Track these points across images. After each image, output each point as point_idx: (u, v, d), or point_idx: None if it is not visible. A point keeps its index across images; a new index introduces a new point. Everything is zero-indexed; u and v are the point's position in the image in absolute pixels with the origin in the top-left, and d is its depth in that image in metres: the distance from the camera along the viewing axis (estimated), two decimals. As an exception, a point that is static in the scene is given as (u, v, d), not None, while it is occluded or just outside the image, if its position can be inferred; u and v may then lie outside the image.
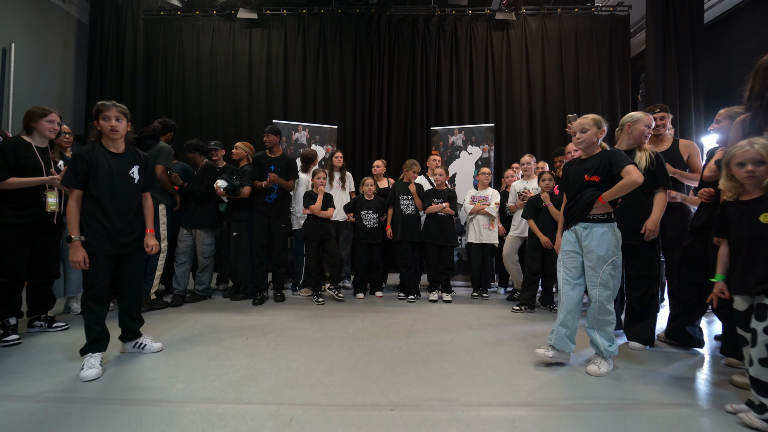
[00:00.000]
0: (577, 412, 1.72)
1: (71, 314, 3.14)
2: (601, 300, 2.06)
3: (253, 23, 5.57)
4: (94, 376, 1.98)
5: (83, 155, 2.05)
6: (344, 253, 4.32)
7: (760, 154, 1.62)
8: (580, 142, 2.15)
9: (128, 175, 2.19)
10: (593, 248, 2.05)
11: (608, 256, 2.04)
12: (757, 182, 1.65)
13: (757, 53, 2.02)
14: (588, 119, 2.15)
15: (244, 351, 2.40)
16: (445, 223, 3.78)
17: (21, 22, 4.48)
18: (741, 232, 1.70)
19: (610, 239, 2.06)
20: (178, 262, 3.62)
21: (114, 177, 2.12)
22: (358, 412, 1.70)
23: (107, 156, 2.12)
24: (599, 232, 2.06)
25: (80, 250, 2.00)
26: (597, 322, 2.11)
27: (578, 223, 2.13)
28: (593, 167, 2.09)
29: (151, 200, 2.37)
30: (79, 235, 2.02)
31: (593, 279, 2.07)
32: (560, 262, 2.22)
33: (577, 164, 2.23)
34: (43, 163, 2.59)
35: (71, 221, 2.02)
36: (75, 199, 2.04)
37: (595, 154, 2.14)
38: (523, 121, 5.44)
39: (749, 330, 1.65)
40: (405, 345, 2.55)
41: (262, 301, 3.52)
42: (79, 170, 2.03)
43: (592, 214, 2.08)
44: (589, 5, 5.70)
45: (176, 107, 5.55)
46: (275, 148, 3.64)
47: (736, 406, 1.71)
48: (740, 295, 1.71)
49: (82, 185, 2.05)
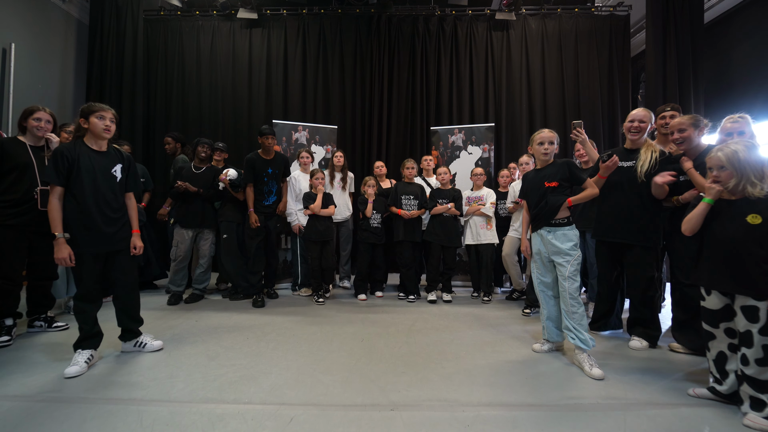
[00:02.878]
0: (577, 412, 1.72)
1: (71, 314, 3.14)
2: (571, 291, 2.26)
3: (253, 23, 5.56)
4: (75, 374, 2.00)
5: (64, 151, 2.04)
6: (344, 253, 4.33)
7: (720, 160, 1.71)
8: (547, 152, 2.38)
9: (111, 173, 2.19)
10: (559, 246, 2.28)
11: (572, 251, 2.27)
12: (722, 186, 1.74)
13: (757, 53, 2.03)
14: (554, 133, 2.40)
15: (244, 351, 2.40)
16: (449, 223, 3.77)
17: (21, 22, 4.47)
18: (725, 230, 1.73)
19: (572, 237, 2.29)
20: (181, 265, 3.57)
21: (96, 174, 2.12)
22: (358, 412, 1.70)
23: (89, 153, 2.12)
24: (561, 233, 2.30)
25: (65, 248, 2.01)
26: (570, 314, 2.26)
27: (542, 228, 2.35)
28: (551, 175, 2.34)
29: (135, 201, 2.36)
30: (62, 232, 2.02)
31: (563, 272, 2.28)
32: (533, 269, 2.47)
33: (534, 173, 2.47)
34: (37, 161, 2.55)
35: (54, 218, 2.02)
36: (56, 196, 2.03)
37: (551, 163, 2.40)
38: (523, 121, 5.44)
39: (717, 327, 1.79)
40: (405, 345, 2.55)
41: (263, 304, 3.49)
42: (60, 166, 2.02)
43: (556, 218, 2.30)
44: (589, 5, 5.70)
45: (176, 107, 5.55)
46: (271, 149, 3.60)
47: (698, 390, 1.86)
48: (716, 290, 1.76)
49: (63, 182, 2.04)
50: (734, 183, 1.69)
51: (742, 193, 1.70)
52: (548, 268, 2.39)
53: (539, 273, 2.43)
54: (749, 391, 1.65)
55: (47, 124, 2.60)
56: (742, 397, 1.69)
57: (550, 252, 2.33)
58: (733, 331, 1.76)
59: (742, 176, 1.67)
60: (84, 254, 2.07)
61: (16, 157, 2.50)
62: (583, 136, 2.75)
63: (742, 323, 1.68)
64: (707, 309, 1.82)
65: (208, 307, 3.45)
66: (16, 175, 2.49)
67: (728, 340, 1.78)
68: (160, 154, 5.20)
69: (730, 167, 1.69)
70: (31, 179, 2.52)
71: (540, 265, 2.42)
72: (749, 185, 1.67)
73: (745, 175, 1.67)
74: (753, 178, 1.66)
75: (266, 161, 3.57)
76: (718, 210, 1.77)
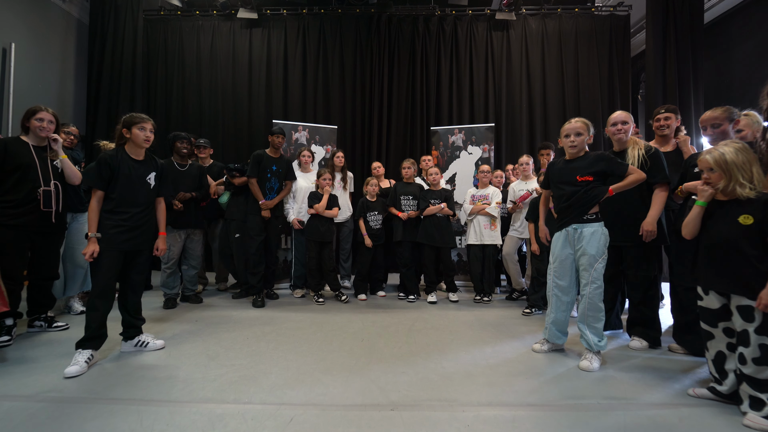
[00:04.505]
0: (577, 412, 1.72)
1: (71, 314, 3.14)
2: (592, 297, 2.18)
3: (253, 23, 5.56)
4: (75, 373, 2.03)
5: (108, 160, 2.19)
6: (344, 252, 4.33)
7: (709, 162, 1.74)
8: (574, 145, 2.26)
9: (146, 180, 2.34)
10: (586, 249, 2.18)
11: (599, 254, 2.18)
12: (713, 188, 1.76)
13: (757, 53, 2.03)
14: (581, 123, 2.28)
15: (244, 351, 2.40)
16: (442, 223, 3.77)
17: (21, 22, 4.47)
18: (719, 231, 1.76)
19: (600, 237, 2.19)
20: (173, 267, 3.46)
21: (133, 181, 2.27)
22: (358, 412, 1.70)
23: (129, 162, 2.28)
24: (590, 231, 2.19)
25: (94, 245, 2.12)
26: (588, 318, 2.22)
27: (571, 225, 2.25)
28: (584, 168, 2.23)
29: (164, 205, 2.51)
30: (95, 232, 2.14)
31: (586, 277, 2.20)
32: (551, 270, 2.36)
33: (563, 164, 2.35)
34: (39, 161, 2.56)
35: (91, 219, 2.15)
36: (97, 199, 2.18)
37: (582, 155, 2.28)
38: (523, 121, 5.44)
39: (716, 326, 1.80)
40: (405, 345, 2.55)
41: (262, 304, 3.48)
42: (103, 173, 2.18)
43: (588, 214, 2.20)
44: (589, 5, 5.70)
45: (176, 107, 5.55)
46: (279, 149, 3.69)
47: (698, 390, 1.86)
48: (713, 290, 1.79)
49: (104, 187, 2.19)
50: (723, 184, 1.72)
51: (733, 194, 1.72)
52: (567, 271, 2.30)
53: (556, 275, 2.34)
54: (749, 391, 1.65)
55: (50, 125, 2.60)
56: (741, 396, 1.69)
57: (577, 252, 2.23)
58: (731, 331, 1.76)
59: (730, 178, 1.70)
60: (110, 251, 2.16)
61: (19, 158, 2.50)
62: None
63: (738, 323, 1.69)
64: (705, 309, 1.83)
65: (208, 307, 3.45)
66: (18, 176, 2.49)
67: (727, 340, 1.79)
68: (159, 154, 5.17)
69: (718, 169, 1.72)
70: (33, 179, 2.53)
71: (558, 266, 2.32)
72: (738, 186, 1.69)
73: (733, 177, 1.69)
74: (741, 179, 1.68)
75: (272, 159, 3.63)
76: (711, 211, 1.80)
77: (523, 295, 3.83)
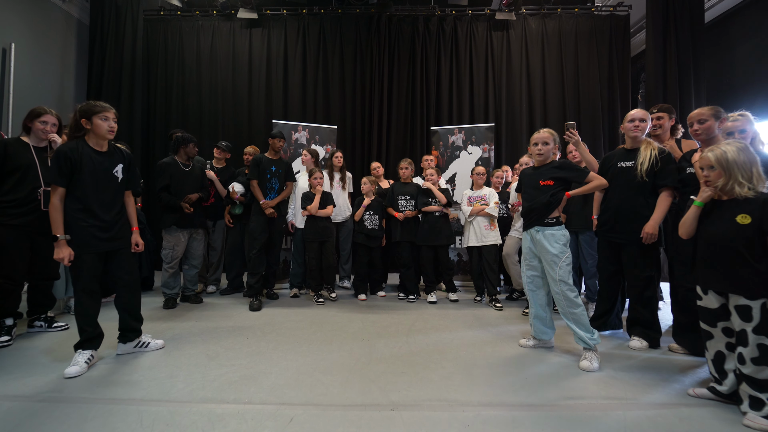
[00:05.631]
0: (577, 412, 1.72)
1: (71, 314, 3.14)
2: (565, 293, 2.28)
3: (253, 23, 5.56)
4: (75, 374, 2.01)
5: (67, 152, 2.03)
6: (344, 253, 4.33)
7: (710, 160, 1.75)
8: (540, 153, 2.40)
9: (112, 173, 2.19)
10: (547, 248, 2.30)
11: (561, 254, 2.28)
12: (712, 185, 1.78)
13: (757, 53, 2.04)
14: (548, 134, 2.41)
15: (244, 351, 2.40)
16: (439, 223, 3.77)
17: (21, 22, 4.47)
18: (717, 230, 1.76)
19: (560, 238, 2.31)
20: (175, 267, 3.45)
21: (98, 175, 2.12)
22: (358, 412, 1.70)
23: (92, 154, 2.12)
24: (550, 233, 2.32)
25: (65, 248, 2.01)
26: (570, 315, 2.28)
27: (533, 227, 2.39)
28: (546, 173, 2.38)
29: (133, 199, 2.38)
30: (63, 233, 2.02)
31: (552, 275, 2.31)
32: (523, 268, 2.51)
33: (531, 170, 2.51)
34: (40, 162, 2.56)
35: (55, 219, 2.01)
36: (58, 196, 2.02)
37: (548, 162, 2.42)
38: (523, 121, 5.44)
39: (715, 326, 1.80)
40: (405, 345, 2.55)
41: (259, 307, 3.42)
42: (63, 167, 2.01)
43: (547, 218, 2.33)
44: (589, 5, 5.70)
45: (176, 107, 5.55)
46: (279, 152, 3.72)
47: (698, 390, 1.86)
48: (712, 290, 1.79)
49: (65, 182, 2.03)
50: (722, 183, 1.73)
51: (731, 193, 1.72)
52: (537, 267, 2.43)
53: (528, 279, 2.48)
54: (748, 391, 1.65)
55: (53, 127, 2.61)
56: (741, 396, 1.69)
57: (539, 252, 2.37)
58: (730, 331, 1.77)
59: (730, 176, 1.70)
60: (84, 255, 2.08)
61: (19, 158, 2.50)
62: (576, 137, 2.76)
63: (737, 322, 1.69)
64: (704, 308, 1.84)
65: (208, 308, 3.45)
66: (19, 176, 2.49)
67: (726, 339, 1.79)
68: (159, 154, 5.19)
69: (719, 167, 1.73)
70: (34, 180, 2.53)
71: (529, 263, 2.46)
72: (737, 185, 1.70)
73: (733, 176, 1.70)
74: (740, 178, 1.68)
75: (271, 160, 3.64)
76: (709, 210, 1.81)
77: (523, 295, 3.82)
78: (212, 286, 4.09)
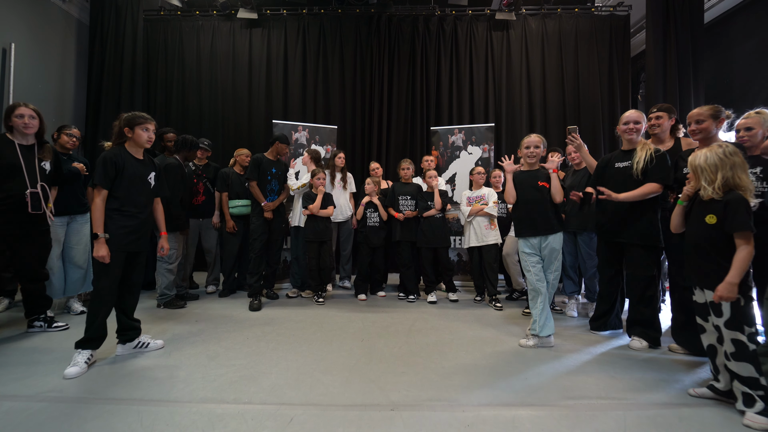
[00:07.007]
0: (577, 412, 1.72)
1: (71, 314, 3.14)
2: (554, 282, 2.66)
3: (253, 23, 5.56)
4: (75, 374, 2.02)
5: (114, 158, 2.18)
6: (344, 253, 4.33)
7: (688, 162, 1.88)
8: (534, 155, 2.68)
9: (147, 180, 2.33)
10: (554, 245, 2.60)
11: (560, 247, 2.64)
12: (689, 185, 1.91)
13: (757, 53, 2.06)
14: (539, 138, 2.70)
15: (244, 351, 2.40)
16: (438, 223, 3.77)
17: (21, 22, 4.47)
18: (692, 229, 1.89)
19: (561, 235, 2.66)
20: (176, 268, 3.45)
21: (135, 180, 2.27)
22: (358, 412, 1.70)
23: (132, 161, 2.27)
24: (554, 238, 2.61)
25: (104, 246, 2.11)
26: None
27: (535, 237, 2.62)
28: (543, 177, 2.65)
29: (161, 205, 2.50)
30: (104, 232, 2.12)
31: (551, 267, 2.63)
32: (528, 267, 2.65)
33: (523, 174, 2.72)
34: (25, 162, 2.49)
35: (97, 219, 2.13)
36: (101, 198, 2.16)
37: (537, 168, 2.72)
38: (523, 121, 5.43)
39: (706, 320, 1.87)
40: (405, 345, 2.55)
41: (259, 307, 3.42)
42: (109, 172, 2.16)
43: None
44: (589, 5, 5.69)
45: (176, 107, 5.55)
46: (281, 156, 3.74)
47: (698, 390, 1.90)
48: (693, 286, 1.89)
49: (109, 185, 2.18)
50: (694, 185, 1.86)
51: (705, 194, 1.81)
52: (541, 269, 2.62)
53: (536, 275, 2.60)
54: (740, 387, 1.68)
55: (31, 120, 2.51)
56: (735, 393, 1.71)
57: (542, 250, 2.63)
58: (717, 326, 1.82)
59: (699, 179, 1.82)
60: (118, 252, 2.16)
61: (4, 158, 2.42)
62: (578, 141, 2.77)
63: (713, 319, 1.78)
64: (697, 303, 1.90)
65: (208, 308, 3.45)
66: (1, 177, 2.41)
67: (716, 334, 1.83)
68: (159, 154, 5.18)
69: (690, 170, 1.87)
70: (19, 181, 2.46)
71: (534, 268, 2.61)
72: (703, 188, 1.80)
73: (700, 178, 1.81)
74: (703, 182, 1.79)
75: (271, 161, 3.65)
76: (689, 210, 1.95)
77: (523, 295, 3.82)
78: (212, 286, 4.09)
